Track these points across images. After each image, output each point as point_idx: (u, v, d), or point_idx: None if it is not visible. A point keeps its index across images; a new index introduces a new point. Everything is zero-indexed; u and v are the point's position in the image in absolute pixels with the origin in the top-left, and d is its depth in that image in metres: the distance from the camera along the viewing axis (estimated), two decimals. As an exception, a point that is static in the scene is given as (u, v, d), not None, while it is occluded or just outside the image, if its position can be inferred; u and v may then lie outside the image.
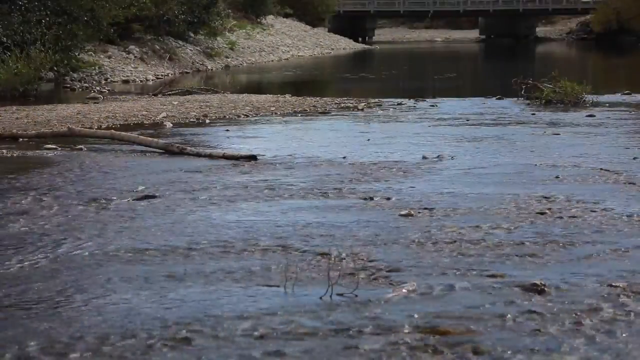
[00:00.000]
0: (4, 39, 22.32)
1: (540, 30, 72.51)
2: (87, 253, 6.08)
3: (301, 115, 16.32)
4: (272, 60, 40.53)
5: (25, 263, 5.83)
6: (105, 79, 26.06)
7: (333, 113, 16.79)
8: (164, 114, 15.94)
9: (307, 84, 27.51)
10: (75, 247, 6.25)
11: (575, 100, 17.81)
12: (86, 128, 13.54)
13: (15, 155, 11.12)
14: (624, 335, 4.46)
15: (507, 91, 19.63)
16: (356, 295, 5.06)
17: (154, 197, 8.07)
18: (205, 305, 4.91)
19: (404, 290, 5.14)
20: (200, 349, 4.29)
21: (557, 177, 9.10)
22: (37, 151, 11.44)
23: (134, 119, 15.46)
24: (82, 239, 6.50)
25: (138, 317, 4.72)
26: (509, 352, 4.22)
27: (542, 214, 7.25)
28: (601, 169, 9.59)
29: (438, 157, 10.56)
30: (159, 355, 4.23)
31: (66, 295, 5.14)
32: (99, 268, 5.71)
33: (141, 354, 4.24)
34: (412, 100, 19.02)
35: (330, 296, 5.04)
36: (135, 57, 29.96)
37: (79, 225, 6.96)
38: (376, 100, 19.13)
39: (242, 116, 16.12)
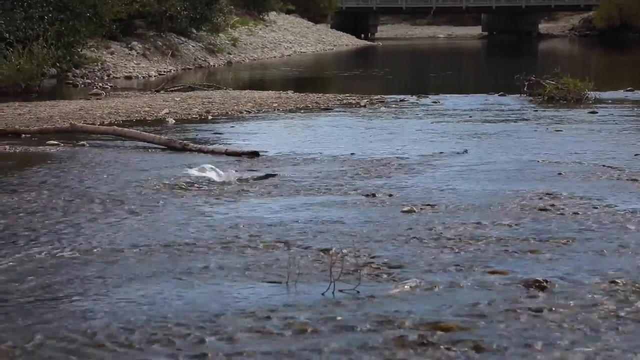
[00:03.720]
0: (7, 35, 22.32)
1: (543, 27, 72.43)
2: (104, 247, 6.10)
3: (304, 112, 16.32)
4: (275, 57, 40.52)
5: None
6: (108, 75, 26.06)
7: (335, 109, 16.78)
8: (166, 110, 15.95)
9: (309, 81, 27.52)
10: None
11: (578, 97, 17.77)
12: (89, 124, 13.55)
13: (18, 151, 11.13)
14: (626, 332, 4.45)
15: (510, 88, 19.62)
16: (358, 292, 5.05)
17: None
18: (205, 301, 4.91)
19: (406, 287, 5.13)
20: (201, 345, 4.29)
21: (559, 173, 9.10)
22: (39, 147, 11.45)
23: (136, 115, 15.47)
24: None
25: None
26: (511, 349, 4.21)
27: (544, 210, 7.24)
28: (604, 165, 9.58)
29: (440, 153, 10.56)
30: (156, 350, 4.24)
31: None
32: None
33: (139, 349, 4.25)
34: (414, 97, 19.01)
35: (333, 292, 5.04)
36: (137, 53, 29.96)
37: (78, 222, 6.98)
38: (379, 96, 19.11)
39: (245, 112, 16.12)
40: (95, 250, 6.05)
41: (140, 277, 5.42)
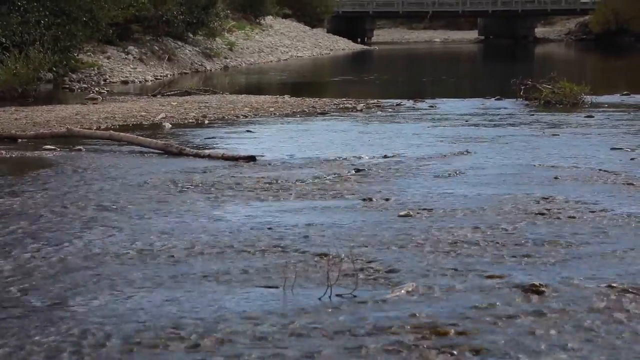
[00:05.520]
0: (3, 39, 22.32)
1: (539, 31, 72.50)
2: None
3: (300, 116, 16.32)
4: (271, 61, 40.54)
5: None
6: (104, 80, 26.06)
7: (332, 114, 16.79)
8: (162, 115, 15.95)
9: (305, 85, 27.53)
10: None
11: (574, 101, 17.80)
12: (85, 129, 13.54)
13: (14, 155, 11.12)
14: (623, 335, 4.46)
15: (506, 92, 19.64)
16: (355, 296, 5.06)
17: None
18: (204, 306, 4.91)
19: (402, 291, 5.14)
20: (198, 350, 4.29)
21: (555, 177, 9.11)
22: (36, 152, 11.44)
23: (132, 119, 15.47)
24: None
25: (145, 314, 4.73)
26: (508, 353, 4.22)
27: (541, 214, 7.25)
28: (600, 169, 9.59)
29: (438, 156, 10.56)
30: (153, 354, 4.24)
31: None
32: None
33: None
34: (411, 101, 19.02)
35: (330, 297, 5.04)
36: (134, 57, 29.96)
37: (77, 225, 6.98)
38: (375, 101, 19.13)
39: (241, 117, 16.12)
40: (88, 255, 6.05)
41: (135, 282, 5.42)
